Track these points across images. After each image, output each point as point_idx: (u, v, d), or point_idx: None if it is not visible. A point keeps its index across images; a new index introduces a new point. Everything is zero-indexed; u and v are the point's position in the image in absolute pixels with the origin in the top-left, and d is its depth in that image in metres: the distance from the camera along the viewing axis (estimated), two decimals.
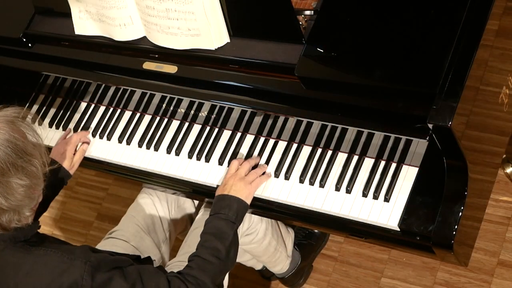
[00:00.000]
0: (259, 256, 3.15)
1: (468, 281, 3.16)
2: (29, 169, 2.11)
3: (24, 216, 2.16)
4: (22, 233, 2.18)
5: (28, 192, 2.12)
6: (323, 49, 2.38)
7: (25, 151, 2.11)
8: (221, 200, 2.54)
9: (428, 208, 2.36)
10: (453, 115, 2.10)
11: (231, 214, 2.50)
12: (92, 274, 2.15)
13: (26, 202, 2.13)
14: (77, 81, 3.06)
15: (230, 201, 2.53)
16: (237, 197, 2.54)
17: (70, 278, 2.14)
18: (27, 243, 2.19)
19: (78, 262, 2.16)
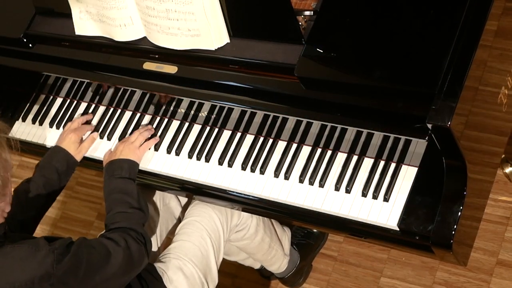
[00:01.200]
0: (253, 254, 3.15)
1: (467, 280, 3.17)
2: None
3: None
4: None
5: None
6: (323, 50, 2.39)
7: None
8: (112, 164, 2.71)
9: (427, 207, 2.36)
10: (452, 115, 2.10)
11: (123, 172, 2.68)
12: (60, 260, 2.22)
13: None
14: (77, 81, 3.06)
15: (120, 163, 2.70)
16: (125, 158, 2.70)
17: (41, 269, 2.18)
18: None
19: (45, 252, 2.21)
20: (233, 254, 3.22)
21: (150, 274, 2.62)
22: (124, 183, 2.64)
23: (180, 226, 2.84)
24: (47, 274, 2.18)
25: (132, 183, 2.65)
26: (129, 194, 2.61)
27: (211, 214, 2.81)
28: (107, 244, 2.38)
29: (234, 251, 3.18)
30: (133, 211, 2.57)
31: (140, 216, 2.58)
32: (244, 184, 2.66)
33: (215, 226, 2.81)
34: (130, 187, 2.63)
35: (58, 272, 2.20)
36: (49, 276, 2.18)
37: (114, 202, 2.60)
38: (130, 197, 2.60)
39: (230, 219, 2.87)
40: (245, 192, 2.66)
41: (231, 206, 2.79)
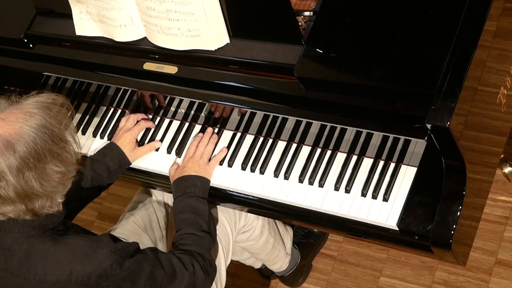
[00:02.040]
0: (257, 254, 3.16)
1: (466, 280, 3.17)
2: (64, 156, 2.12)
3: (56, 202, 2.17)
4: (51, 220, 2.19)
5: (62, 179, 2.14)
6: (322, 50, 2.39)
7: (61, 138, 2.12)
8: (184, 181, 2.63)
9: (427, 207, 2.37)
10: (451, 115, 2.11)
11: (197, 191, 2.60)
12: (120, 263, 2.19)
13: (60, 188, 2.15)
14: (78, 82, 3.06)
15: (192, 180, 2.62)
16: (197, 175, 2.63)
17: (100, 268, 2.16)
18: (54, 231, 2.21)
19: (107, 251, 2.18)
20: (236, 254, 3.22)
21: None
22: (197, 202, 2.58)
23: None
24: (105, 274, 2.17)
25: (204, 203, 2.60)
26: (201, 216, 2.55)
27: (220, 219, 2.81)
28: (175, 264, 2.34)
29: (237, 251, 3.18)
30: (203, 235, 2.51)
31: (209, 241, 2.53)
32: (243, 184, 2.66)
33: (225, 230, 2.81)
34: (202, 208, 2.58)
35: (117, 275, 2.18)
36: (107, 277, 2.17)
37: (184, 222, 2.54)
38: (202, 219, 2.55)
39: (238, 221, 2.88)
40: (245, 192, 2.66)
41: (231, 206, 2.79)
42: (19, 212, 2.12)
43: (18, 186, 2.05)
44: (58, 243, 2.17)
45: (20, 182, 2.05)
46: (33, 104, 2.13)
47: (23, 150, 2.03)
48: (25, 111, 2.09)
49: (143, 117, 2.89)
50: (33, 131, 2.05)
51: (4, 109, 2.11)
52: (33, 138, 2.05)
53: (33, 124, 2.06)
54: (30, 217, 2.15)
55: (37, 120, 2.08)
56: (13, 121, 2.06)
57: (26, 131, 2.05)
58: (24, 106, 2.12)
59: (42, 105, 2.13)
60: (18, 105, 2.13)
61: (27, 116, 2.08)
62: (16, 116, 2.07)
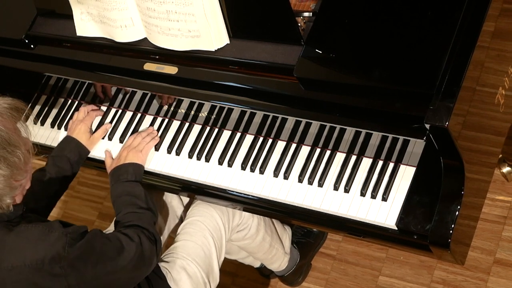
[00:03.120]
0: (254, 253, 3.16)
1: (465, 279, 3.17)
2: (11, 160, 2.17)
3: (5, 203, 2.22)
4: (5, 215, 2.25)
5: (8, 182, 2.19)
6: (322, 51, 2.39)
7: (9, 142, 2.17)
8: (118, 170, 2.75)
9: (425, 207, 2.37)
10: (450, 115, 2.11)
11: (129, 176, 2.71)
12: (72, 244, 2.24)
13: (6, 190, 2.20)
14: (78, 82, 3.06)
15: (125, 168, 2.73)
16: (130, 162, 2.73)
17: (52, 250, 2.21)
18: (9, 223, 2.26)
19: (58, 234, 2.24)
20: (233, 253, 3.23)
21: (154, 273, 2.63)
22: (131, 186, 2.67)
23: (183, 225, 2.85)
24: (58, 256, 2.21)
25: (138, 185, 2.68)
26: (137, 196, 2.63)
27: (213, 214, 2.82)
28: (121, 238, 2.40)
29: (234, 250, 3.19)
30: (143, 211, 2.59)
31: (150, 215, 2.60)
32: (243, 183, 2.67)
33: (217, 225, 2.82)
34: (137, 189, 2.66)
35: (69, 256, 2.22)
36: (60, 259, 2.21)
37: (122, 204, 2.62)
38: (138, 199, 2.62)
39: (232, 219, 2.88)
40: (245, 192, 2.66)
41: (230, 205, 2.79)
42: None
43: None
44: (11, 231, 2.23)
45: None
46: None
47: None
48: None
49: (93, 107, 2.97)
50: None
51: None
52: None
53: None
54: None
55: None
56: None
57: None
58: None
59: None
60: None
61: None
62: None
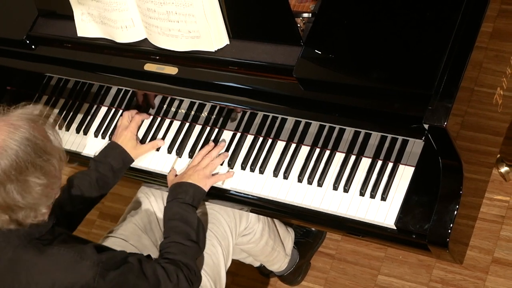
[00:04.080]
0: (256, 256, 3.17)
1: (463, 278, 3.18)
2: (47, 169, 2.12)
3: (41, 213, 2.18)
4: (37, 229, 2.20)
5: (45, 191, 2.14)
6: (321, 51, 2.39)
7: (45, 150, 2.12)
8: (178, 187, 2.63)
9: (424, 206, 2.38)
10: (448, 115, 2.12)
11: (187, 198, 2.58)
12: (103, 275, 2.19)
13: (43, 200, 2.15)
14: (79, 82, 3.06)
15: (186, 187, 2.61)
16: (192, 183, 2.62)
17: (82, 279, 2.17)
18: (40, 241, 2.21)
19: (90, 263, 2.19)
20: (234, 254, 3.18)
21: None
22: (187, 211, 2.57)
23: None
24: (87, 286, 2.18)
25: (194, 211, 2.58)
26: (190, 225, 2.54)
27: (220, 221, 2.81)
28: (159, 275, 2.34)
29: (236, 251, 3.16)
30: (190, 245, 2.51)
31: (196, 250, 2.53)
32: (243, 183, 2.67)
33: (225, 233, 2.81)
34: (191, 216, 2.56)
35: (99, 286, 2.19)
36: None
37: (173, 229, 2.53)
38: (190, 228, 2.54)
39: (238, 225, 2.88)
40: (245, 192, 2.67)
41: (230, 205, 2.79)
42: (2, 222, 2.14)
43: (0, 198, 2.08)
44: (42, 253, 2.19)
45: (1, 194, 2.07)
46: (18, 116, 2.14)
47: (5, 163, 2.05)
48: (10, 123, 2.11)
49: (136, 111, 2.88)
50: (16, 144, 2.07)
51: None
52: (16, 152, 2.06)
53: (16, 137, 2.08)
54: (14, 227, 2.16)
55: (21, 133, 2.09)
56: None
57: (9, 144, 2.06)
58: (9, 118, 2.13)
59: (27, 117, 2.15)
60: (4, 116, 2.14)
61: (11, 128, 2.09)
62: (1, 129, 2.09)
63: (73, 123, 3.05)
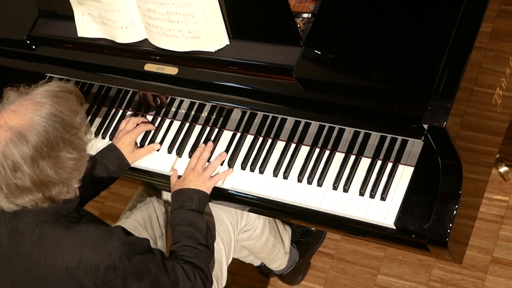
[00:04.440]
0: (257, 253, 3.18)
1: (463, 278, 3.19)
2: (76, 142, 2.16)
3: (73, 188, 2.22)
4: (65, 207, 2.22)
5: (76, 165, 2.17)
6: (321, 51, 2.40)
7: (72, 125, 2.15)
8: (182, 194, 2.62)
9: (424, 206, 2.38)
10: (447, 115, 2.12)
11: (194, 205, 2.59)
12: (129, 257, 2.21)
13: (75, 174, 2.19)
14: (80, 83, 3.04)
15: (190, 194, 2.61)
16: (195, 189, 2.62)
17: (109, 259, 2.19)
18: (68, 218, 2.24)
19: (117, 242, 2.21)
20: (235, 252, 3.19)
21: None
22: (194, 216, 2.57)
23: None
24: (113, 265, 2.19)
25: (201, 217, 2.59)
26: (198, 230, 2.55)
27: (223, 218, 2.82)
28: (178, 272, 2.36)
29: (237, 249, 3.17)
30: (202, 249, 2.52)
31: (208, 254, 2.54)
32: (243, 183, 2.67)
33: (227, 230, 2.82)
34: (199, 222, 2.57)
35: (124, 268, 2.20)
36: (115, 269, 2.19)
37: (183, 234, 2.53)
38: (199, 233, 2.54)
39: (239, 221, 2.89)
40: (244, 191, 2.67)
41: (230, 205, 2.80)
42: (37, 201, 2.16)
43: (34, 176, 2.08)
44: (70, 230, 2.21)
45: (35, 172, 2.08)
46: (41, 93, 2.16)
47: (36, 140, 2.07)
48: (35, 101, 2.13)
49: (143, 120, 2.89)
50: (44, 120, 2.09)
51: (14, 100, 2.15)
52: (45, 128, 2.08)
53: (43, 114, 2.10)
54: (48, 205, 2.18)
55: (47, 109, 2.11)
56: (23, 112, 2.10)
57: (37, 121, 2.08)
58: (33, 96, 2.15)
59: (51, 94, 2.16)
60: (27, 95, 2.16)
61: (37, 106, 2.11)
62: (26, 107, 2.11)
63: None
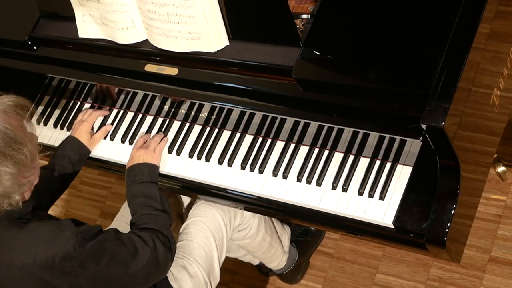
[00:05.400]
0: (254, 252, 3.18)
1: (461, 277, 3.19)
2: (17, 158, 2.17)
3: (15, 200, 2.22)
4: (17, 211, 2.25)
5: (16, 179, 2.18)
6: (320, 52, 2.40)
7: (15, 140, 2.16)
8: (132, 170, 2.70)
9: (422, 206, 2.38)
10: (445, 116, 2.12)
11: (145, 177, 2.67)
12: (83, 244, 2.24)
13: (15, 188, 2.20)
14: (81, 83, 3.07)
15: (139, 168, 2.70)
16: (144, 162, 2.70)
17: (63, 250, 2.22)
18: (20, 220, 2.26)
19: (69, 233, 2.24)
20: (233, 251, 3.25)
21: None
22: (146, 187, 2.65)
23: (185, 225, 2.85)
24: (68, 255, 2.21)
25: (154, 186, 2.66)
26: (152, 198, 2.62)
27: (215, 214, 2.83)
28: (136, 241, 2.40)
29: (234, 248, 3.21)
30: (158, 213, 2.58)
31: (166, 218, 2.59)
32: (243, 183, 2.68)
33: (218, 226, 2.83)
34: (152, 191, 2.64)
35: (80, 256, 2.23)
36: (70, 258, 2.22)
37: (138, 205, 2.61)
38: (154, 201, 2.61)
39: (233, 219, 2.90)
40: (244, 191, 2.68)
41: (230, 204, 2.81)
42: None
43: None
44: (22, 230, 2.24)
45: None
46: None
47: None
48: None
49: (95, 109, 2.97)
50: None
51: None
52: None
53: None
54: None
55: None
56: None
57: None
58: None
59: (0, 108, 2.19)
60: None
61: None
62: None
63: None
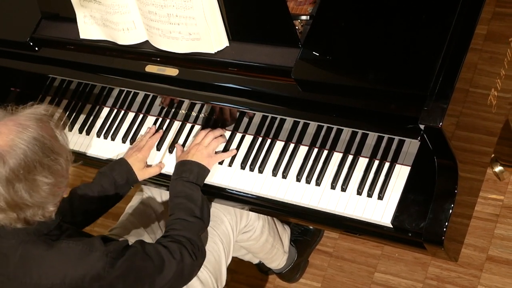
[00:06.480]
0: (256, 253, 3.19)
1: (458, 275, 3.20)
2: (54, 168, 2.15)
3: (48, 211, 2.20)
4: (45, 226, 2.23)
5: (52, 190, 2.16)
6: (319, 53, 2.40)
7: (52, 150, 2.14)
8: (183, 165, 2.66)
9: (420, 205, 2.39)
10: (443, 116, 2.13)
11: (191, 177, 2.62)
12: (112, 264, 2.23)
13: (50, 199, 2.18)
14: (82, 84, 3.07)
15: (190, 166, 2.65)
16: (197, 162, 2.64)
17: (93, 270, 2.21)
18: (49, 236, 2.24)
19: (99, 254, 2.23)
20: (234, 251, 3.20)
21: None
22: (191, 188, 2.61)
23: None
24: (98, 276, 2.21)
25: (198, 189, 2.61)
26: (194, 202, 2.58)
27: (222, 218, 2.84)
28: (162, 253, 2.38)
29: (235, 248, 3.16)
30: (194, 220, 2.54)
31: (200, 226, 2.56)
32: (243, 182, 2.69)
33: (226, 231, 2.83)
34: (195, 194, 2.60)
35: (109, 276, 2.23)
36: (100, 278, 2.22)
37: (177, 206, 2.57)
38: (194, 205, 2.57)
39: (239, 221, 2.90)
40: (244, 191, 2.69)
41: (230, 204, 2.81)
42: (10, 220, 2.16)
43: (8, 197, 2.09)
44: (52, 248, 2.22)
45: (10, 193, 2.09)
46: (26, 116, 2.16)
47: (14, 162, 2.07)
48: (18, 123, 2.13)
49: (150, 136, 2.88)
50: (24, 143, 2.09)
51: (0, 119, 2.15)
52: (24, 151, 2.08)
53: (25, 137, 2.10)
54: (22, 225, 2.18)
55: (29, 132, 2.11)
56: (5, 133, 2.10)
57: (17, 143, 2.08)
58: (18, 117, 2.15)
59: (35, 117, 2.16)
60: (12, 116, 2.16)
61: (20, 128, 2.11)
62: (9, 128, 2.11)
63: (76, 124, 3.07)
